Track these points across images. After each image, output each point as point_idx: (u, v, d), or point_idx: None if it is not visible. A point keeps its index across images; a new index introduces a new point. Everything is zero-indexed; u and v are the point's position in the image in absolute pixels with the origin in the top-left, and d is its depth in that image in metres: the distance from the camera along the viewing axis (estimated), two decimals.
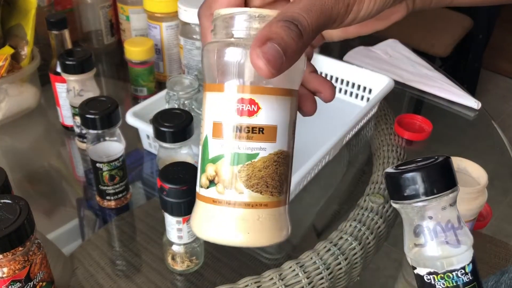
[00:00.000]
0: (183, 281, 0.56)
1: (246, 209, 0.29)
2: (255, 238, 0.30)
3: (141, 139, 0.75)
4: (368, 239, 0.61)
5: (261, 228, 0.30)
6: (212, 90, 0.30)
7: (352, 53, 1.05)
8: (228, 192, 0.29)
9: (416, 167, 0.33)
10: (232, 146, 0.29)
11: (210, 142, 0.30)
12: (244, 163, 0.29)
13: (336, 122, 0.77)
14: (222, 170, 0.29)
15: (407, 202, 0.34)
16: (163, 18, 0.85)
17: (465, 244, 0.34)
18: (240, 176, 0.29)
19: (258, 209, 0.29)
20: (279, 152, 0.30)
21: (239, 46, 0.28)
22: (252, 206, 0.29)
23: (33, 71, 0.80)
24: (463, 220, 0.35)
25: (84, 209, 0.67)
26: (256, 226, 0.29)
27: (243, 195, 0.29)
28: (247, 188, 0.29)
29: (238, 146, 0.29)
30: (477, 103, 0.90)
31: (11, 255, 0.43)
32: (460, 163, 0.52)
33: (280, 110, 0.29)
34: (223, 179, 0.29)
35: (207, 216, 0.30)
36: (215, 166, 0.29)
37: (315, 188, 0.70)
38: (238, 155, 0.29)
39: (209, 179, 0.30)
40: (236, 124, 0.29)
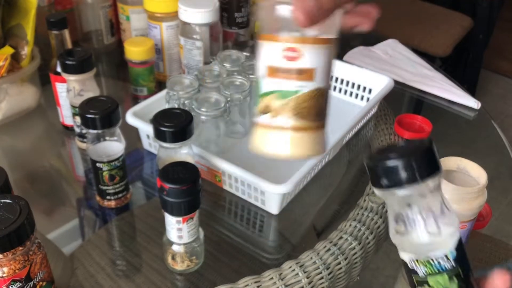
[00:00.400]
0: (183, 281, 0.56)
1: (292, 131, 0.38)
2: (299, 152, 0.38)
3: (141, 139, 0.75)
4: (368, 239, 0.61)
5: (304, 145, 0.39)
6: (266, 39, 0.38)
7: (352, 53, 1.05)
8: (278, 119, 0.38)
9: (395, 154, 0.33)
10: (280, 84, 0.37)
11: (263, 81, 0.38)
12: (290, 97, 0.37)
13: (336, 122, 0.77)
14: (273, 102, 0.38)
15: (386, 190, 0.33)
16: (163, 18, 0.85)
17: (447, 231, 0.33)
18: (287, 107, 0.38)
19: (302, 132, 0.38)
20: (317, 89, 0.37)
21: (285, 3, 0.36)
22: (297, 129, 0.38)
23: (33, 71, 0.80)
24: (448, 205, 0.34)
25: (84, 209, 0.67)
26: (300, 143, 0.38)
27: (289, 121, 0.38)
28: (293, 116, 0.38)
29: (285, 84, 0.37)
30: (477, 103, 0.90)
31: (11, 255, 0.43)
32: (460, 163, 0.52)
33: (318, 55, 0.37)
34: (274, 109, 0.38)
35: (262, 137, 0.40)
36: (267, 98, 0.38)
37: (315, 188, 0.70)
38: (286, 91, 0.37)
39: (263, 110, 0.39)
40: (284, 67, 0.37)
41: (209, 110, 0.67)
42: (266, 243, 0.62)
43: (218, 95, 0.69)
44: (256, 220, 0.65)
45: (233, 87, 0.72)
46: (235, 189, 0.67)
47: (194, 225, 0.53)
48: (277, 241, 0.63)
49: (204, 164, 0.67)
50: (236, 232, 0.63)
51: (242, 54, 0.80)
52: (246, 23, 0.91)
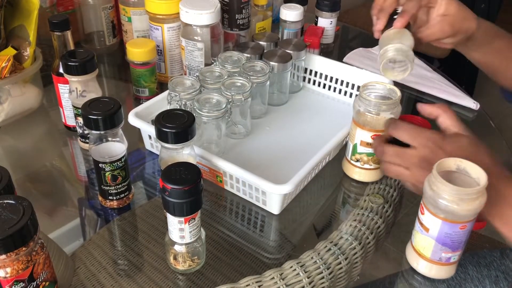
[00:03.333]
0: (184, 280, 0.56)
1: (371, 171, 0.70)
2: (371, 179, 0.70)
3: (143, 139, 0.76)
4: (368, 239, 0.61)
5: (372, 176, 0.71)
6: (360, 127, 0.67)
7: (351, 54, 1.05)
8: (365, 165, 0.70)
9: None
10: (367, 150, 0.68)
11: (358, 146, 0.69)
12: (371, 156, 0.69)
13: (336, 123, 0.77)
14: (362, 157, 0.69)
15: None
16: (165, 20, 0.86)
17: None
18: (370, 160, 0.69)
19: (375, 170, 0.70)
20: None
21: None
22: (374, 169, 0.69)
23: (35, 72, 0.81)
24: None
25: (86, 209, 0.67)
26: (372, 176, 0.70)
27: (371, 167, 0.70)
28: (373, 164, 0.69)
29: (370, 150, 0.68)
30: (476, 104, 0.90)
31: (15, 255, 0.44)
32: (460, 164, 0.53)
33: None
34: (363, 160, 0.70)
35: (352, 170, 0.71)
36: (359, 155, 0.70)
37: (315, 188, 0.70)
38: (370, 153, 0.68)
39: (355, 159, 0.70)
40: (370, 142, 0.67)
41: (211, 111, 0.67)
42: (267, 243, 0.62)
43: (219, 96, 0.70)
44: (257, 220, 0.65)
45: (234, 88, 0.72)
46: (236, 189, 0.67)
47: (196, 225, 0.53)
48: (278, 241, 0.63)
49: (206, 165, 0.67)
50: (237, 232, 0.63)
51: (243, 56, 0.80)
52: (247, 24, 0.91)
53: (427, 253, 0.55)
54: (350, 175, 0.71)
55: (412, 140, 0.57)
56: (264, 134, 0.79)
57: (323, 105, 0.88)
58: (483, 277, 0.57)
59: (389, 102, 0.64)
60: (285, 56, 0.82)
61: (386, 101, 0.64)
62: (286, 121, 0.83)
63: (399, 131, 0.58)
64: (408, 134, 0.57)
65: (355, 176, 0.70)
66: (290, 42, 0.87)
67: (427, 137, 0.56)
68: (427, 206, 0.53)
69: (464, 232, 0.52)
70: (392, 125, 0.60)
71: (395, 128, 0.59)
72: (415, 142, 0.57)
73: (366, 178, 0.70)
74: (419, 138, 0.56)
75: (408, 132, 0.58)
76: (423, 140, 0.56)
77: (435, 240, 0.53)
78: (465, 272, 0.57)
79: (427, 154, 0.55)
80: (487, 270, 0.58)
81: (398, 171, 0.59)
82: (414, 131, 0.57)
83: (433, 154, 0.55)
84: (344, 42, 1.24)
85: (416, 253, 0.56)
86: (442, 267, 0.55)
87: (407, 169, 0.57)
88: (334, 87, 0.89)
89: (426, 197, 0.52)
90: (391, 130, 0.59)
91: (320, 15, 1.11)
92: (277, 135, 0.79)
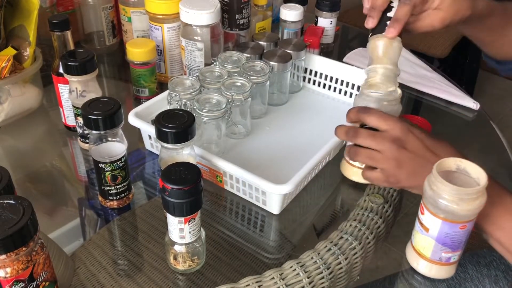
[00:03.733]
0: (184, 280, 0.56)
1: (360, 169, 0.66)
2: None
3: (143, 139, 0.76)
4: (368, 239, 0.61)
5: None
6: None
7: (351, 54, 1.05)
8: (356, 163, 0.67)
9: None
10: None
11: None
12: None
13: (336, 123, 0.77)
14: None
15: None
16: (165, 20, 0.86)
17: None
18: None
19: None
20: None
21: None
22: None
23: (35, 72, 0.81)
24: None
25: (86, 209, 0.67)
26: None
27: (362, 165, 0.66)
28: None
29: None
30: (476, 103, 0.90)
31: (15, 255, 0.44)
32: (459, 163, 0.53)
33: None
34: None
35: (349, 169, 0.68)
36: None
37: (315, 188, 0.70)
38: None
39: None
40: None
41: (211, 111, 0.67)
42: (267, 243, 0.62)
43: (219, 96, 0.70)
44: (257, 220, 0.66)
45: (234, 88, 0.72)
46: (236, 189, 0.67)
47: (196, 225, 0.53)
48: (278, 241, 0.63)
49: (206, 165, 0.67)
50: (237, 232, 0.63)
51: (243, 55, 0.80)
52: (247, 24, 0.91)
53: (427, 253, 0.55)
54: (348, 177, 0.67)
55: (383, 124, 0.58)
56: (264, 134, 0.79)
57: (323, 105, 0.88)
58: (483, 276, 0.57)
59: (389, 99, 0.63)
60: (285, 56, 0.82)
61: (386, 100, 0.64)
62: (286, 121, 0.83)
63: (370, 116, 0.59)
64: (378, 118, 0.59)
65: (354, 178, 0.67)
66: (290, 42, 0.87)
67: (396, 119, 0.59)
68: (427, 206, 0.53)
69: (464, 232, 0.52)
70: (362, 111, 0.60)
71: (366, 113, 0.60)
72: (385, 126, 0.58)
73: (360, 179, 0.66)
74: (389, 121, 0.58)
75: (378, 117, 0.59)
76: (394, 123, 0.58)
77: (435, 240, 0.53)
78: (465, 271, 0.57)
79: (400, 135, 0.57)
80: (486, 269, 0.58)
81: (370, 153, 0.59)
82: (385, 116, 0.59)
83: (405, 136, 0.57)
84: (344, 42, 1.24)
85: (416, 253, 0.56)
86: (442, 267, 0.55)
87: (379, 152, 0.58)
88: (334, 87, 0.89)
89: (426, 197, 0.52)
90: (362, 115, 0.60)
91: (320, 15, 1.11)
92: (277, 135, 0.79)
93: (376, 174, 0.60)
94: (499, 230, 0.53)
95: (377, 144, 0.58)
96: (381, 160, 0.58)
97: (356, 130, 0.60)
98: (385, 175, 0.59)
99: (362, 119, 0.60)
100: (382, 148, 0.58)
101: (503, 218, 0.53)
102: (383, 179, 0.59)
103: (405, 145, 0.57)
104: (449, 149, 0.57)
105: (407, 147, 0.57)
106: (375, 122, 0.59)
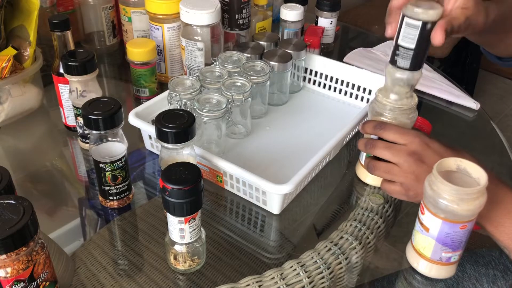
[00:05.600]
0: (185, 280, 0.56)
1: None
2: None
3: (144, 139, 0.76)
4: (368, 239, 0.61)
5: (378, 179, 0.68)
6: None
7: (352, 54, 1.05)
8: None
9: None
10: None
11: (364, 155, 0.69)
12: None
13: (337, 123, 0.77)
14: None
15: None
16: (165, 20, 0.86)
17: None
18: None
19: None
20: None
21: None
22: None
23: (35, 72, 0.81)
24: None
25: (86, 209, 0.67)
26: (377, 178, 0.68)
27: None
28: None
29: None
30: (476, 103, 0.90)
31: (15, 255, 0.44)
32: (460, 163, 0.53)
33: None
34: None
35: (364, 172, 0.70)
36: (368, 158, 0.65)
37: (315, 188, 0.70)
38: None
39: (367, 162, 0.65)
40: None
41: (211, 111, 0.67)
42: (267, 243, 0.62)
43: (219, 96, 0.70)
44: (257, 220, 0.66)
45: (235, 88, 0.72)
46: (236, 189, 0.67)
47: (196, 225, 0.53)
48: (278, 241, 0.63)
49: (206, 165, 0.67)
50: (237, 232, 0.63)
51: (243, 55, 0.80)
52: (247, 24, 0.91)
53: (428, 253, 0.55)
54: (363, 179, 0.70)
55: (400, 138, 0.59)
56: (264, 134, 0.79)
57: (323, 105, 0.88)
58: (481, 275, 0.57)
59: (405, 107, 0.62)
60: (285, 56, 0.82)
61: (402, 106, 0.62)
62: (286, 121, 0.83)
63: (387, 131, 0.60)
64: (395, 133, 0.59)
65: (368, 180, 0.70)
66: (290, 42, 0.87)
67: (415, 134, 0.59)
68: (427, 206, 0.53)
69: (464, 232, 0.52)
70: (378, 126, 0.60)
71: (382, 129, 0.60)
72: (402, 140, 0.59)
73: (379, 182, 0.66)
74: (406, 135, 0.58)
75: (395, 131, 0.59)
76: (410, 137, 0.58)
77: (435, 240, 0.53)
78: (463, 270, 0.57)
79: (417, 149, 0.57)
80: (485, 269, 0.58)
81: (388, 167, 0.59)
82: (400, 130, 0.59)
83: (422, 150, 0.57)
84: (344, 42, 1.24)
85: (416, 253, 0.56)
86: (442, 267, 0.55)
87: (396, 165, 0.58)
88: (334, 87, 0.89)
89: (427, 197, 0.52)
90: (378, 131, 0.60)
91: (320, 15, 1.11)
92: (277, 135, 0.79)
93: (395, 187, 0.60)
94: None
95: (393, 156, 0.58)
96: (398, 174, 0.58)
97: (373, 142, 0.61)
98: (404, 189, 0.59)
99: (379, 135, 0.61)
100: (399, 161, 0.58)
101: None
102: (403, 192, 0.59)
103: (423, 159, 0.57)
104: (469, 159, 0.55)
105: (425, 160, 0.57)
106: (392, 137, 0.59)
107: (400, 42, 0.58)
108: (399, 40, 0.58)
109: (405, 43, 0.57)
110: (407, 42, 0.57)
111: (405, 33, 0.57)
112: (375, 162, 0.61)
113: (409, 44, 0.57)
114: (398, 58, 0.58)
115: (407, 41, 0.57)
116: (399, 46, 0.58)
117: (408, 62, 0.58)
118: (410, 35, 0.57)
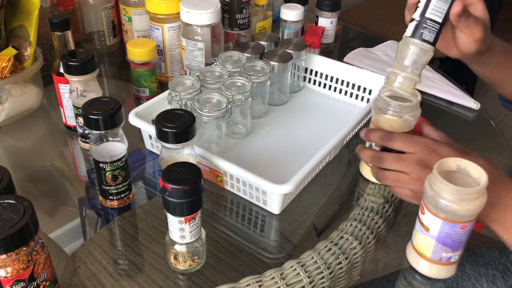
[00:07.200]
0: (185, 280, 0.56)
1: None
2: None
3: (144, 139, 0.76)
4: (368, 239, 0.61)
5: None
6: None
7: (352, 54, 1.05)
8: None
9: None
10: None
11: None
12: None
13: (337, 123, 0.77)
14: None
15: None
16: (165, 20, 0.86)
17: None
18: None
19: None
20: None
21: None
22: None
23: (36, 71, 0.81)
24: None
25: (86, 208, 0.67)
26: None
27: None
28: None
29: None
30: (476, 103, 0.90)
31: (15, 255, 0.44)
32: (460, 163, 0.53)
33: None
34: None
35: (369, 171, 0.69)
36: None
37: (315, 188, 0.70)
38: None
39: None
40: None
41: (211, 111, 0.67)
42: (267, 243, 0.62)
43: (219, 96, 0.70)
44: (258, 220, 0.66)
45: (235, 88, 0.72)
46: (236, 189, 0.67)
47: (196, 225, 0.53)
48: (278, 241, 0.63)
49: (206, 165, 0.67)
50: (237, 232, 0.63)
51: (243, 55, 0.80)
52: (247, 24, 0.91)
53: (428, 253, 0.55)
54: (367, 177, 0.71)
55: (408, 147, 0.59)
56: (264, 134, 0.79)
57: (323, 105, 0.88)
58: (480, 275, 0.57)
59: (409, 105, 0.63)
60: (286, 56, 0.82)
61: (406, 104, 0.63)
62: (286, 121, 0.83)
63: (395, 141, 0.60)
64: (403, 143, 0.59)
65: (373, 178, 0.69)
66: (290, 42, 0.87)
67: (422, 142, 0.59)
68: (427, 206, 0.53)
69: (465, 232, 0.52)
70: (385, 137, 0.61)
71: (390, 139, 0.60)
72: (411, 149, 0.59)
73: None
74: (414, 144, 0.59)
75: (403, 141, 0.60)
76: (418, 146, 0.59)
77: (436, 240, 0.53)
78: (462, 270, 0.58)
79: (425, 157, 0.58)
80: (484, 269, 0.58)
81: (397, 176, 0.59)
82: (408, 139, 0.60)
83: (429, 157, 0.57)
84: (344, 42, 1.24)
85: (416, 253, 0.56)
86: (443, 267, 0.55)
87: (405, 174, 0.58)
88: (334, 87, 0.89)
89: (427, 196, 0.52)
90: (386, 142, 0.61)
91: (320, 14, 1.11)
92: (277, 135, 0.79)
93: (406, 191, 0.60)
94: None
95: (402, 167, 0.59)
96: (408, 182, 0.59)
97: (381, 155, 0.61)
98: (414, 193, 0.59)
99: (387, 146, 0.61)
100: (408, 170, 0.58)
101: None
102: (413, 195, 0.60)
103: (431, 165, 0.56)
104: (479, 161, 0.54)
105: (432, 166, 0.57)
106: (400, 146, 0.60)
107: (429, 15, 0.59)
108: (427, 13, 0.59)
109: (435, 16, 0.59)
110: (436, 16, 0.59)
111: (435, 6, 0.59)
112: (384, 172, 0.61)
113: (437, 18, 0.59)
114: (425, 31, 0.59)
115: (437, 14, 0.59)
116: (427, 20, 0.59)
117: (433, 36, 0.59)
118: (440, 9, 0.59)
